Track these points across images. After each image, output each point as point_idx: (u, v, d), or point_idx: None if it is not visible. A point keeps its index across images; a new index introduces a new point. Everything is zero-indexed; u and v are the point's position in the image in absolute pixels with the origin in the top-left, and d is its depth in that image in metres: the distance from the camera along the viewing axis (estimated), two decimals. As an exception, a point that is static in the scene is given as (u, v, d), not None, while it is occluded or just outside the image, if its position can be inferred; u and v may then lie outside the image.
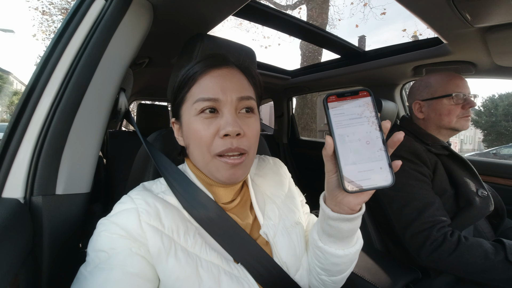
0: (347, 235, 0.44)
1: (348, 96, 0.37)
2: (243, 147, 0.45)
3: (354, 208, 0.40)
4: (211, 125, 0.44)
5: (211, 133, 0.44)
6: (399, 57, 1.20)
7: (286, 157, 2.33)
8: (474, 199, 0.84)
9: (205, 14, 0.75)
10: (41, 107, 0.47)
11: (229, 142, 0.43)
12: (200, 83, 0.46)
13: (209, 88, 0.45)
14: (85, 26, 0.52)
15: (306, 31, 1.16)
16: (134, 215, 0.40)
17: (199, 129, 0.44)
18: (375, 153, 0.35)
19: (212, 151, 0.44)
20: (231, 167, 0.44)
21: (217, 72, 0.47)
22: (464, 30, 0.81)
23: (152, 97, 2.73)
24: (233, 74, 0.48)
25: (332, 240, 0.45)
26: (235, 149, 0.44)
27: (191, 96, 0.46)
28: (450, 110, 0.90)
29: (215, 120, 0.45)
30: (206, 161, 0.46)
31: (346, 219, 0.41)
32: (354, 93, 0.37)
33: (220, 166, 0.45)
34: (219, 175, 0.45)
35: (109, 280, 0.35)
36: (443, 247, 0.75)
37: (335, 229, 0.43)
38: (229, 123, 0.43)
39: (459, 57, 1.05)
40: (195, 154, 0.47)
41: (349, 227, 0.42)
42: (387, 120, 0.36)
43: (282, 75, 1.87)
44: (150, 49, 1.11)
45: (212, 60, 0.48)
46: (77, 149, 0.51)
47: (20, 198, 0.45)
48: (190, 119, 0.46)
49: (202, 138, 0.44)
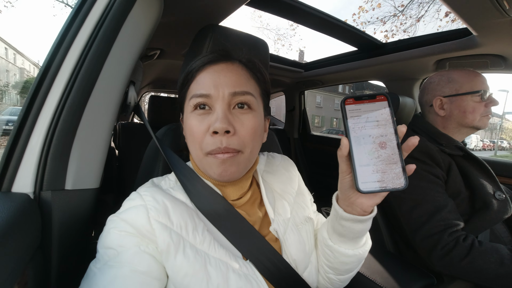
0: (357, 236, 0.46)
1: (366, 100, 0.38)
2: (233, 147, 0.43)
3: (366, 209, 0.41)
4: (203, 122, 0.44)
5: (202, 129, 0.44)
6: (421, 50, 1.12)
7: (297, 152, 2.30)
8: (491, 202, 0.81)
9: (217, 4, 0.72)
10: (50, 101, 0.47)
11: (219, 141, 0.42)
12: (197, 79, 0.46)
13: (203, 84, 0.45)
14: (93, 18, 0.50)
15: (321, 21, 1.10)
16: (143, 212, 0.41)
17: (192, 126, 0.45)
18: (389, 156, 0.36)
19: (204, 149, 0.44)
20: (221, 163, 0.43)
21: (213, 68, 0.46)
22: (497, 20, 0.75)
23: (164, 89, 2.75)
24: (229, 69, 0.46)
25: (342, 240, 0.47)
26: (223, 149, 0.42)
27: (189, 93, 0.47)
28: (475, 108, 0.85)
29: (207, 117, 0.44)
30: (199, 158, 0.46)
31: (358, 220, 0.42)
32: (371, 97, 0.38)
33: (212, 163, 0.44)
34: (211, 171, 0.45)
35: (117, 278, 0.36)
36: (454, 252, 0.72)
37: (347, 229, 0.44)
38: (218, 119, 0.42)
39: (488, 50, 0.97)
40: (191, 151, 0.48)
41: (361, 228, 0.44)
42: (403, 125, 0.37)
43: (294, 68, 1.81)
44: (161, 41, 1.09)
45: (211, 56, 0.48)
46: (86, 144, 0.50)
47: (30, 193, 0.45)
48: (187, 115, 0.47)
49: (194, 134, 0.44)
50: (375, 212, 0.43)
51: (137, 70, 0.73)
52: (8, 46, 22.82)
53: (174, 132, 0.66)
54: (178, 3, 0.71)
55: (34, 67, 29.57)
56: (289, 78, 1.95)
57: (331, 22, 1.10)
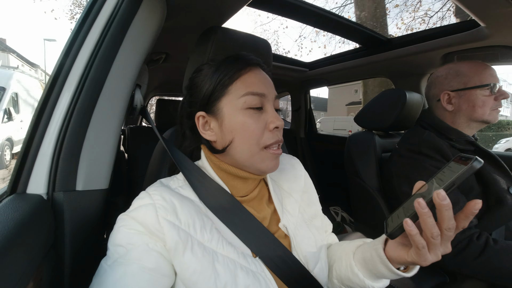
0: (383, 277, 0.47)
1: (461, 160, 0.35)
2: (281, 139, 0.50)
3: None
4: (259, 119, 0.47)
5: (261, 126, 0.47)
6: (428, 44, 1.10)
7: (304, 152, 2.28)
8: (505, 198, 0.78)
9: (219, 6, 0.73)
10: (60, 106, 0.49)
11: (276, 135, 0.48)
12: (245, 78, 0.48)
13: (255, 84, 0.48)
14: (99, 24, 0.52)
15: (324, 19, 1.10)
16: (152, 211, 0.41)
17: (249, 123, 0.47)
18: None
19: (262, 144, 0.47)
20: (275, 157, 0.49)
21: (256, 70, 0.50)
22: (506, 10, 0.72)
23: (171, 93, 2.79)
24: (264, 74, 0.51)
25: (370, 275, 0.47)
26: (280, 141, 0.49)
27: (236, 90, 0.48)
28: (485, 102, 0.83)
29: (261, 115, 0.48)
30: (253, 153, 0.47)
31: (398, 274, 0.43)
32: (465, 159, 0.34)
33: (266, 157, 0.48)
34: (264, 165, 0.48)
35: (127, 274, 0.37)
36: (467, 250, 0.70)
37: (381, 274, 0.45)
38: (276, 117, 0.48)
39: (497, 41, 0.94)
40: (241, 147, 0.48)
41: (394, 277, 0.45)
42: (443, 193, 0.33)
43: (299, 68, 1.81)
44: (166, 45, 1.12)
45: (251, 59, 0.51)
46: (95, 146, 0.52)
47: (43, 194, 0.46)
48: (236, 112, 0.47)
49: (253, 131, 0.47)
50: (416, 270, 0.44)
51: (143, 74, 0.75)
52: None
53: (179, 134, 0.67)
54: (181, 7, 0.72)
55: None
56: (294, 77, 1.94)
57: (334, 19, 1.09)
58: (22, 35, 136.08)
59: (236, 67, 0.48)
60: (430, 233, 0.34)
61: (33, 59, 33.39)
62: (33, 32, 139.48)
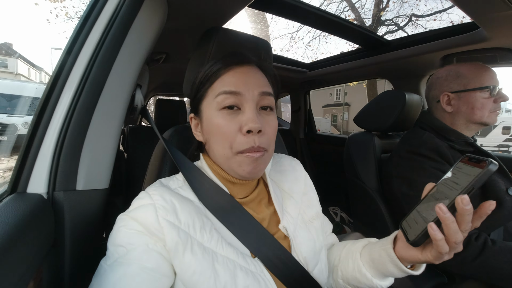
0: (391, 276, 0.48)
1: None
2: (263, 146, 0.45)
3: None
4: (233, 121, 0.44)
5: (234, 129, 0.44)
6: (427, 46, 1.11)
7: (303, 152, 2.29)
8: (504, 199, 0.78)
9: (220, 6, 0.73)
10: (61, 105, 0.49)
11: (252, 141, 0.44)
12: (223, 78, 0.46)
13: (232, 82, 0.45)
14: (101, 24, 0.52)
15: (324, 20, 1.10)
16: (152, 211, 0.41)
17: (221, 125, 0.45)
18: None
19: (235, 148, 0.44)
20: (252, 161, 0.44)
21: (240, 69, 0.47)
22: (504, 13, 0.73)
23: (171, 93, 2.79)
24: (254, 71, 0.48)
25: (378, 274, 0.48)
26: (257, 148, 0.44)
27: (212, 91, 0.47)
28: (484, 104, 0.83)
29: (237, 116, 0.45)
30: (228, 156, 0.46)
31: (406, 272, 0.44)
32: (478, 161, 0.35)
33: (242, 161, 0.45)
34: (240, 170, 0.45)
35: (127, 274, 0.37)
36: (466, 251, 0.71)
37: (390, 273, 0.46)
38: (251, 119, 0.43)
39: (496, 44, 0.95)
40: (216, 149, 0.47)
41: (403, 275, 0.45)
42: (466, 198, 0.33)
43: (299, 68, 1.81)
44: (167, 45, 1.12)
45: (235, 57, 0.49)
46: (95, 146, 0.52)
47: (44, 194, 0.46)
48: (212, 113, 0.46)
49: (225, 133, 0.44)
50: (423, 268, 0.45)
51: (143, 74, 0.75)
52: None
53: (180, 133, 0.67)
54: (182, 7, 0.72)
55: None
56: (294, 78, 1.94)
57: (334, 21, 1.10)
58: (29, 40, 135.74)
59: (216, 67, 0.47)
60: (454, 238, 0.34)
61: (41, 64, 32.88)
62: (40, 39, 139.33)
